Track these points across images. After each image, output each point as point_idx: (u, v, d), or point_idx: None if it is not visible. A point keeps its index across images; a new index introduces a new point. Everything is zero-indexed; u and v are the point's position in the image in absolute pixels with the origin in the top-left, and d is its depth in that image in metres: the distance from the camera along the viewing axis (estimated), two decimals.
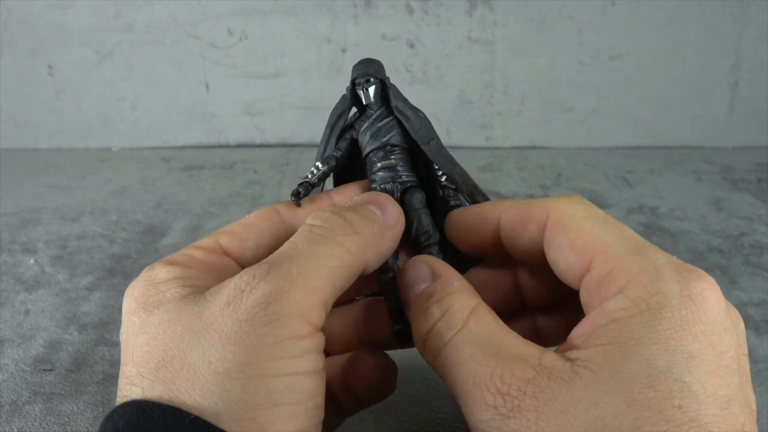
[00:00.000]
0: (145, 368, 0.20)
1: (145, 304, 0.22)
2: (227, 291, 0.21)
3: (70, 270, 0.52)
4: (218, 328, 0.20)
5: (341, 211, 0.24)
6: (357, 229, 0.24)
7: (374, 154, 0.29)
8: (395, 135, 0.29)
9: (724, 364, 0.19)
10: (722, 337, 0.20)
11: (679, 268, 0.21)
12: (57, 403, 0.37)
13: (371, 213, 0.25)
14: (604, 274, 0.21)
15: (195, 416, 0.19)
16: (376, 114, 0.29)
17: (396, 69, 0.80)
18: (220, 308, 0.21)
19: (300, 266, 0.22)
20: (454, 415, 0.36)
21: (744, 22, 0.79)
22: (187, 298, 0.22)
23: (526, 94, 0.82)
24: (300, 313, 0.21)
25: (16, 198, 0.67)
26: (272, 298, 0.20)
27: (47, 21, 0.78)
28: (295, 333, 0.20)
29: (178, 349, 0.20)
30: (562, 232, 0.23)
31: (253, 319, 0.20)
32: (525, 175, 0.74)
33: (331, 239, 0.23)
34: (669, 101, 0.82)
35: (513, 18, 0.78)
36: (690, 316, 0.20)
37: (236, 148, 0.83)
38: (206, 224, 0.61)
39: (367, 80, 0.29)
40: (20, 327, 0.45)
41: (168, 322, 0.21)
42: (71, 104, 0.81)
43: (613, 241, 0.22)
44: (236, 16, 0.79)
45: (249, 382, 0.19)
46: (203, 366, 0.20)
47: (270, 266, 0.21)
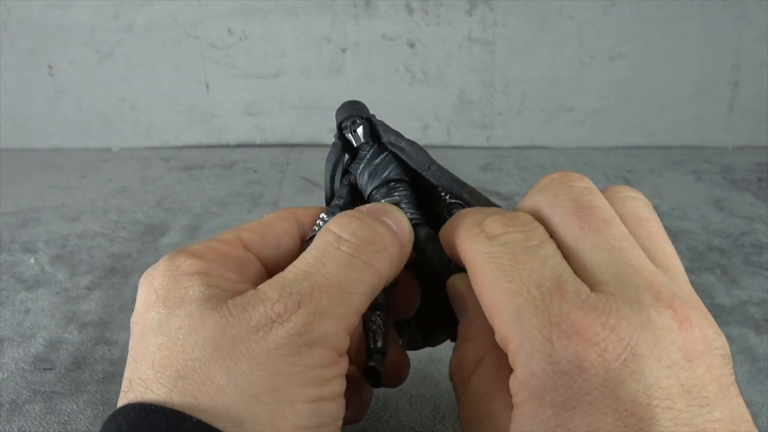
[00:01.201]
0: (164, 375, 0.20)
1: (166, 299, 0.22)
2: (256, 316, 0.21)
3: (70, 269, 0.52)
4: (246, 351, 0.20)
5: (371, 222, 0.24)
6: (386, 244, 0.23)
7: (377, 192, 0.28)
8: (394, 169, 0.28)
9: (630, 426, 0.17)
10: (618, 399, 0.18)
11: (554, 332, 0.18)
12: (57, 402, 0.37)
13: (391, 229, 0.25)
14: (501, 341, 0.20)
15: (197, 420, 0.19)
16: (370, 153, 0.28)
17: (396, 69, 0.80)
18: (248, 331, 0.20)
19: (330, 297, 0.21)
20: (454, 415, 0.36)
21: (744, 22, 0.79)
22: (210, 303, 0.21)
23: (526, 94, 0.82)
24: (329, 344, 0.21)
25: (16, 197, 0.67)
26: (303, 330, 0.21)
27: (47, 21, 0.78)
28: (322, 362, 0.21)
29: (200, 362, 0.20)
30: (471, 280, 0.22)
31: (282, 349, 0.20)
32: (525, 175, 0.74)
33: (361, 260, 0.23)
34: (669, 101, 0.82)
35: (513, 18, 0.78)
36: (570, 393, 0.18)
37: (236, 148, 0.83)
38: (206, 224, 0.61)
39: (353, 122, 0.28)
40: (20, 326, 0.45)
41: (189, 327, 0.21)
42: (71, 104, 0.81)
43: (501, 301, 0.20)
44: (236, 16, 0.79)
45: (278, 407, 0.20)
46: (229, 386, 0.20)
47: (301, 297, 0.21)
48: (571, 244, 0.21)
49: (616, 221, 0.21)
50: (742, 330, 0.44)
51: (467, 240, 0.22)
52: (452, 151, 0.82)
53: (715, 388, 0.18)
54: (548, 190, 0.23)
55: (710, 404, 0.18)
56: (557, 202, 0.22)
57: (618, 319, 0.18)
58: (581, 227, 0.21)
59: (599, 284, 0.20)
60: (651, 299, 0.19)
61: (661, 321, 0.18)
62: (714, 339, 0.19)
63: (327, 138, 0.83)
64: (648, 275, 0.20)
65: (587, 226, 0.21)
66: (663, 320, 0.19)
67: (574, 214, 0.21)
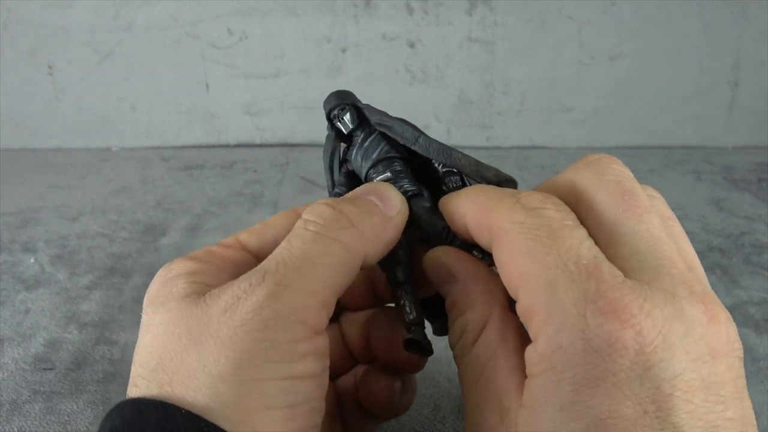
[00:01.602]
0: (145, 370, 0.21)
1: (154, 301, 0.23)
2: (225, 297, 0.21)
3: (70, 269, 0.52)
4: (214, 333, 0.20)
5: (337, 203, 0.24)
6: (354, 221, 0.23)
7: (373, 171, 0.28)
8: (384, 147, 0.28)
9: (647, 420, 0.17)
10: (643, 384, 0.17)
11: (590, 308, 0.18)
12: (57, 402, 0.37)
13: (369, 203, 0.25)
14: (524, 312, 0.20)
15: (186, 410, 0.19)
16: (361, 137, 0.29)
17: (396, 69, 0.80)
18: (218, 314, 0.21)
19: (294, 269, 0.21)
20: (454, 415, 0.36)
21: (744, 22, 0.79)
22: (189, 298, 0.22)
23: (526, 94, 0.82)
24: (296, 316, 0.21)
25: (16, 197, 0.67)
26: (266, 303, 0.20)
27: (47, 21, 0.78)
28: (291, 337, 0.20)
29: (175, 352, 0.21)
30: (498, 248, 0.21)
31: (247, 325, 0.20)
32: (525, 174, 0.74)
33: (326, 236, 0.23)
34: (669, 101, 0.82)
35: (513, 18, 0.78)
36: (596, 371, 0.18)
37: (236, 148, 0.83)
38: (206, 224, 0.61)
39: (342, 109, 0.29)
40: (20, 326, 0.45)
41: (168, 322, 0.22)
42: (71, 104, 0.81)
43: (533, 271, 0.20)
44: (236, 16, 0.79)
45: (242, 385, 0.20)
46: (198, 369, 0.20)
47: (266, 272, 0.21)
48: (610, 226, 0.21)
49: (654, 213, 0.21)
50: (742, 330, 0.44)
51: (500, 208, 0.22)
52: None
53: (731, 387, 0.18)
54: (595, 167, 0.22)
55: (725, 402, 0.18)
56: (604, 180, 0.22)
57: (653, 305, 0.18)
58: (625, 210, 0.21)
59: (634, 271, 0.20)
60: (685, 292, 0.19)
61: (693, 314, 0.19)
62: (735, 340, 0.19)
63: None
64: (682, 269, 0.20)
65: (631, 210, 0.21)
66: (694, 314, 0.19)
67: (620, 196, 0.21)
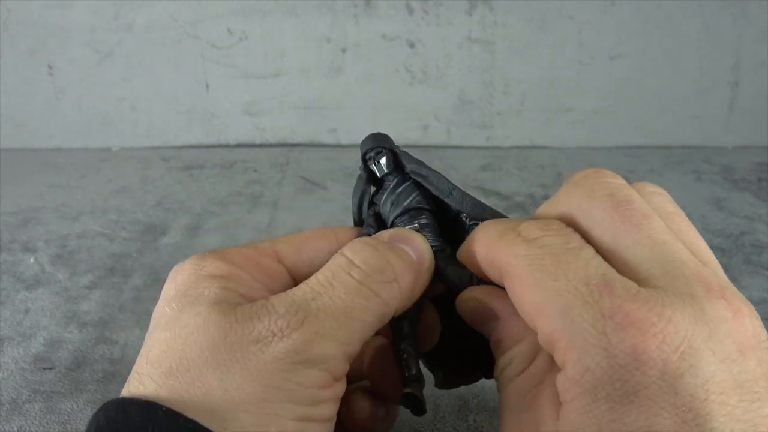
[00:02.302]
0: (156, 371, 0.21)
1: (182, 296, 0.23)
2: (259, 327, 0.21)
3: (70, 269, 0.52)
4: (242, 360, 0.20)
5: (381, 249, 0.24)
6: (396, 275, 0.23)
7: (399, 220, 0.28)
8: (416, 197, 0.28)
9: (686, 429, 0.17)
10: (677, 393, 0.17)
11: (609, 325, 0.18)
12: (57, 401, 0.37)
13: (408, 256, 0.25)
14: (546, 342, 0.20)
15: (168, 408, 0.19)
16: (393, 183, 0.29)
17: (396, 69, 0.80)
18: (248, 341, 0.21)
19: (334, 321, 0.22)
20: (454, 415, 0.36)
21: (744, 22, 0.79)
22: (220, 306, 0.22)
23: (526, 94, 0.82)
24: (325, 366, 0.21)
25: (16, 197, 0.67)
26: (301, 349, 0.21)
27: (47, 21, 0.78)
28: (316, 383, 0.21)
29: (194, 363, 0.20)
30: (509, 285, 0.21)
31: (278, 364, 0.20)
32: (525, 174, 0.74)
33: (370, 289, 0.23)
34: (669, 101, 0.82)
35: (513, 18, 0.78)
36: (627, 387, 0.17)
37: (236, 148, 0.83)
38: (206, 223, 0.61)
39: (377, 152, 0.29)
40: (20, 325, 0.45)
41: (194, 327, 0.21)
42: (71, 104, 0.81)
43: (545, 301, 0.19)
44: (236, 16, 0.79)
45: (263, 418, 0.20)
46: (219, 391, 0.20)
47: (306, 315, 0.21)
48: (611, 241, 0.21)
49: (654, 215, 0.21)
50: None
51: (502, 245, 0.22)
52: (452, 151, 0.82)
53: (765, 382, 0.18)
54: (584, 185, 0.22)
55: (761, 399, 0.18)
56: (595, 197, 0.21)
57: (673, 310, 0.18)
58: (622, 222, 0.20)
59: (646, 279, 0.19)
60: (702, 291, 0.18)
61: (715, 312, 0.18)
62: (762, 332, 0.19)
63: (327, 138, 0.83)
64: (695, 267, 0.19)
65: (628, 221, 0.20)
66: (717, 312, 0.18)
67: (613, 209, 0.21)
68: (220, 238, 0.58)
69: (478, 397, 0.37)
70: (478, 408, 0.36)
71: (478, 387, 0.38)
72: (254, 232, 0.59)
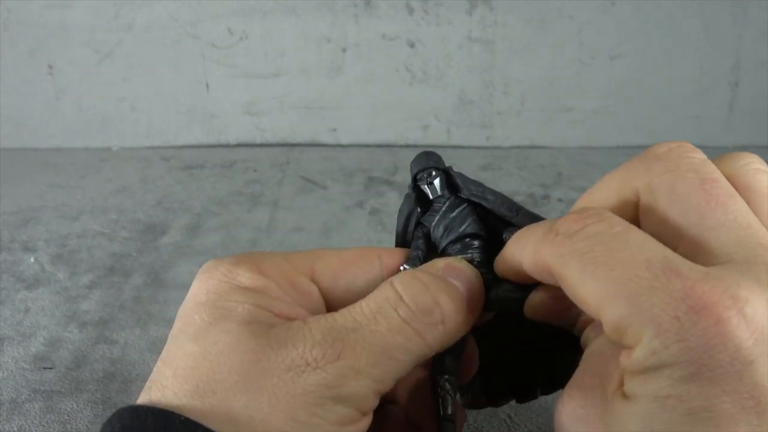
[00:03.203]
0: (182, 388, 0.20)
1: (213, 307, 0.22)
2: (292, 354, 0.20)
3: (70, 268, 0.52)
4: (271, 388, 0.20)
5: (435, 291, 0.23)
6: (444, 316, 0.23)
7: (451, 248, 0.27)
8: (471, 224, 0.27)
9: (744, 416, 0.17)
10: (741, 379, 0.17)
11: (680, 308, 0.17)
12: (57, 401, 0.37)
13: (460, 296, 0.23)
14: (613, 331, 0.19)
15: (185, 418, 0.19)
16: (446, 206, 0.27)
17: (396, 69, 0.80)
18: (280, 369, 0.20)
19: (371, 357, 0.21)
20: None
21: (744, 22, 0.79)
22: (253, 327, 0.21)
23: (526, 94, 0.82)
24: (355, 403, 0.21)
25: (17, 197, 0.67)
26: (333, 384, 0.20)
27: (47, 21, 0.78)
28: (342, 420, 0.20)
29: (222, 385, 0.20)
30: (564, 286, 0.20)
31: (308, 396, 0.20)
32: (525, 174, 0.74)
33: (414, 329, 0.22)
34: (669, 101, 0.82)
35: (513, 18, 0.78)
36: (692, 368, 0.17)
37: (236, 148, 0.83)
38: (206, 223, 0.61)
39: (430, 173, 0.27)
40: (20, 325, 0.45)
41: (224, 346, 0.21)
42: (71, 104, 0.81)
43: (607, 293, 0.19)
44: (236, 16, 0.79)
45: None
46: (244, 418, 0.19)
47: (343, 348, 0.21)
48: (695, 221, 0.19)
49: (737, 195, 0.20)
50: None
51: (544, 247, 0.21)
52: (452, 150, 0.82)
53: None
54: (667, 159, 0.21)
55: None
56: (680, 172, 0.20)
57: (749, 292, 0.17)
58: (708, 201, 0.19)
59: (725, 264, 0.18)
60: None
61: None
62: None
63: (327, 138, 0.83)
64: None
65: (714, 200, 0.19)
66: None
67: (699, 187, 0.19)
68: (220, 238, 0.58)
69: None
70: None
71: None
72: (254, 231, 0.59)
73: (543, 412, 0.36)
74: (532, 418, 0.36)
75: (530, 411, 0.36)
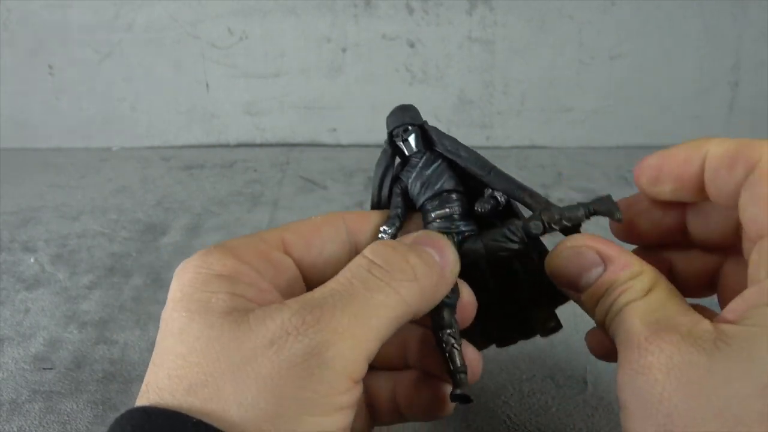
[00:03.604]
0: (178, 388, 0.20)
1: (190, 301, 0.22)
2: (273, 328, 0.20)
3: (70, 268, 0.52)
4: (257, 367, 0.20)
5: (402, 250, 0.24)
6: (417, 275, 0.23)
7: (429, 204, 0.27)
8: (447, 180, 0.27)
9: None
10: None
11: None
12: (57, 401, 0.37)
13: (431, 258, 0.24)
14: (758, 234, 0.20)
15: (198, 420, 0.19)
16: (422, 161, 0.28)
17: (396, 69, 0.80)
18: (263, 346, 0.20)
19: (352, 317, 0.21)
20: (454, 416, 0.36)
21: (744, 22, 0.79)
22: (232, 316, 0.21)
23: (526, 94, 0.82)
24: (343, 368, 0.20)
25: (17, 197, 0.67)
26: (317, 350, 0.20)
27: (47, 21, 0.78)
28: (333, 389, 0.20)
29: (212, 377, 0.20)
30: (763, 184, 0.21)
31: (293, 369, 0.20)
32: (525, 174, 0.74)
33: (389, 285, 0.22)
34: (669, 101, 0.82)
35: (513, 18, 0.78)
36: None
37: (236, 148, 0.83)
38: (206, 223, 0.61)
39: (405, 129, 0.28)
40: (20, 325, 0.45)
41: (207, 339, 0.21)
42: (71, 104, 0.81)
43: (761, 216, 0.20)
44: (236, 16, 0.79)
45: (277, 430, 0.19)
46: (234, 405, 0.19)
47: (322, 313, 0.21)
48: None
49: None
50: None
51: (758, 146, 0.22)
52: None
53: None
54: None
55: None
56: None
57: None
58: None
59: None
60: None
61: None
62: None
63: (327, 138, 0.83)
64: None
65: None
66: None
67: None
68: (221, 238, 0.58)
69: (478, 399, 0.37)
70: (478, 409, 0.36)
71: (478, 388, 0.38)
72: (254, 231, 0.59)
73: (543, 413, 0.36)
74: (531, 419, 0.36)
75: (530, 411, 0.36)
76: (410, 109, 0.28)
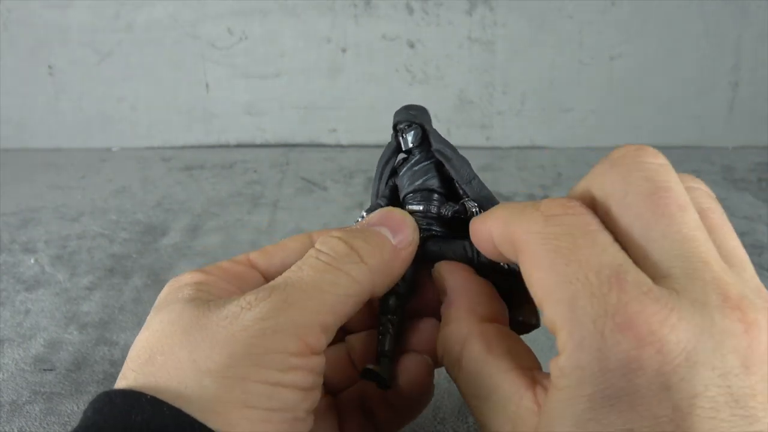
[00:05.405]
0: (136, 363, 0.22)
1: (159, 303, 0.24)
2: (230, 307, 0.22)
3: (70, 269, 0.52)
4: (211, 334, 0.21)
5: (349, 238, 0.25)
6: (364, 257, 0.24)
7: (410, 197, 0.29)
8: (430, 178, 0.28)
9: None
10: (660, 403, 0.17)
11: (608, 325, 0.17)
12: (57, 402, 0.37)
13: (381, 238, 0.25)
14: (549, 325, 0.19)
15: (151, 396, 0.20)
16: (415, 159, 0.29)
17: (396, 69, 0.80)
18: (218, 320, 0.22)
19: (301, 291, 0.22)
20: (454, 416, 0.36)
21: (744, 22, 0.79)
22: (194, 302, 0.23)
23: (526, 94, 0.82)
24: (295, 331, 0.21)
25: (16, 198, 0.67)
26: (269, 315, 0.21)
27: (47, 21, 0.78)
28: (285, 348, 0.21)
29: (168, 346, 0.21)
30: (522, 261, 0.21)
31: (246, 331, 0.21)
32: (525, 174, 0.74)
33: (336, 268, 0.23)
34: (669, 101, 0.82)
35: (513, 18, 0.78)
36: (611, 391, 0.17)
37: (236, 148, 0.83)
38: (206, 224, 0.61)
39: (408, 125, 0.29)
40: (20, 326, 0.45)
41: (168, 320, 0.22)
42: (71, 104, 0.81)
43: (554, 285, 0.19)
44: (236, 16, 0.79)
45: (227, 381, 0.20)
46: (188, 363, 0.21)
47: (273, 288, 0.22)
48: (640, 231, 0.19)
49: (690, 207, 0.19)
50: None
51: (521, 220, 0.21)
52: None
53: (763, 398, 0.17)
54: (621, 165, 0.21)
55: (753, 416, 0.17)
56: (632, 180, 0.20)
57: (679, 318, 0.17)
58: (654, 212, 0.19)
59: (664, 278, 0.18)
60: (717, 300, 0.17)
61: (725, 324, 0.17)
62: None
63: (327, 138, 0.83)
64: (717, 271, 0.18)
65: (661, 210, 0.19)
66: (727, 324, 0.17)
67: (649, 197, 0.19)
68: (220, 239, 0.58)
69: None
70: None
71: None
72: (254, 232, 0.59)
73: None
74: None
75: None
76: (417, 108, 0.30)
